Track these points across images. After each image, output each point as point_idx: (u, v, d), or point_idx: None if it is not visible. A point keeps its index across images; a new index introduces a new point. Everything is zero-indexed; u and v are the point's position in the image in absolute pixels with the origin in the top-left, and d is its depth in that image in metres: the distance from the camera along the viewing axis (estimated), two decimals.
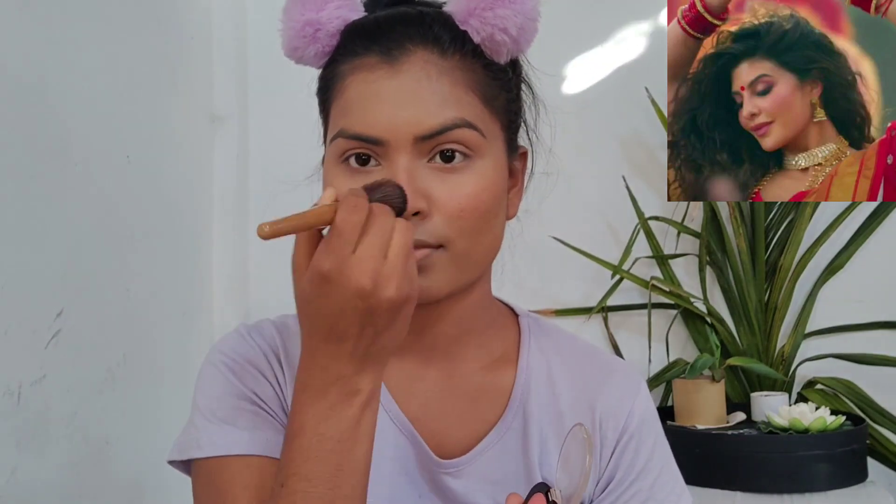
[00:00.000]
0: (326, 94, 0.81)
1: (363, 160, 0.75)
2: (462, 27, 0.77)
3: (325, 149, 0.82)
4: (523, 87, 0.84)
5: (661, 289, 1.85)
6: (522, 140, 0.85)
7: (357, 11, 0.80)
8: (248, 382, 0.80)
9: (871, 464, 1.64)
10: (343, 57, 0.78)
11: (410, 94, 0.74)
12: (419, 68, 0.75)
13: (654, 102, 1.87)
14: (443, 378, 0.84)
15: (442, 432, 0.83)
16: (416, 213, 0.73)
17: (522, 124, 0.84)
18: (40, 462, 1.24)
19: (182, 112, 1.78)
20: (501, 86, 0.80)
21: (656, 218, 1.90)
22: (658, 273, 1.91)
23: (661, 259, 1.90)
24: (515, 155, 0.83)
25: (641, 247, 1.89)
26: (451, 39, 0.76)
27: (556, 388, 0.85)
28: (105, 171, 1.45)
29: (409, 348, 0.82)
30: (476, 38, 0.77)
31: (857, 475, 1.55)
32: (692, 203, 1.84)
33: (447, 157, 0.75)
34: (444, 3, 0.80)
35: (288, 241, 0.73)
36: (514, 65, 0.82)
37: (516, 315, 0.89)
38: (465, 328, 0.83)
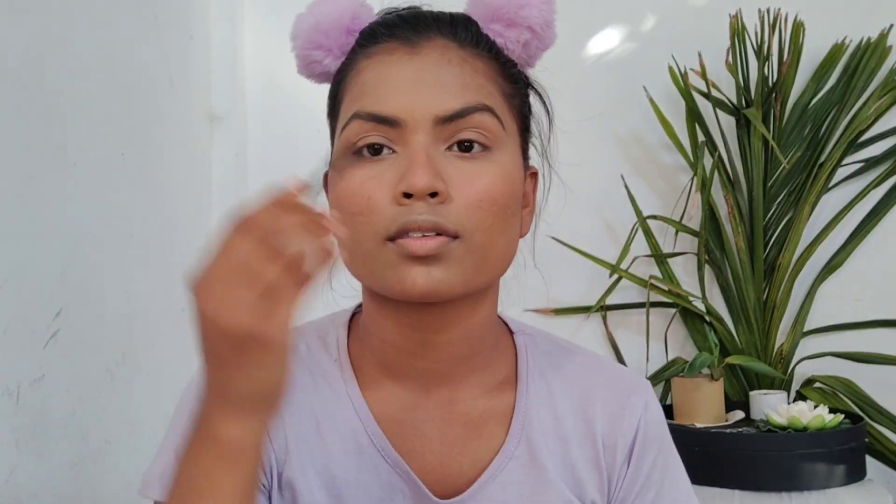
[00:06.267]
0: (338, 87, 0.77)
1: (376, 150, 0.71)
2: (484, 31, 0.76)
3: (332, 151, 0.78)
4: (537, 102, 0.83)
5: (659, 287, 1.85)
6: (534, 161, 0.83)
7: (367, 9, 0.79)
8: None
9: (870, 462, 1.64)
10: (361, 47, 0.76)
11: (431, 76, 0.72)
12: (439, 53, 0.73)
13: (652, 101, 1.87)
14: (443, 405, 0.79)
15: (443, 466, 0.78)
16: (434, 195, 0.69)
17: (533, 145, 0.82)
18: (39, 462, 1.24)
19: (181, 111, 1.78)
20: (518, 89, 0.78)
21: (655, 217, 1.91)
22: (657, 272, 1.91)
23: (660, 258, 1.91)
24: (528, 169, 0.80)
25: (640, 246, 1.90)
26: (468, 35, 0.76)
27: (558, 412, 0.81)
28: (103, 171, 1.45)
29: (407, 374, 0.78)
30: (499, 40, 0.76)
31: (855, 473, 1.55)
32: (690, 202, 1.84)
33: (465, 146, 0.72)
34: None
35: None
36: (524, 76, 0.81)
37: (511, 332, 0.85)
38: (472, 349, 0.78)
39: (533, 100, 0.83)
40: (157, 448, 0.84)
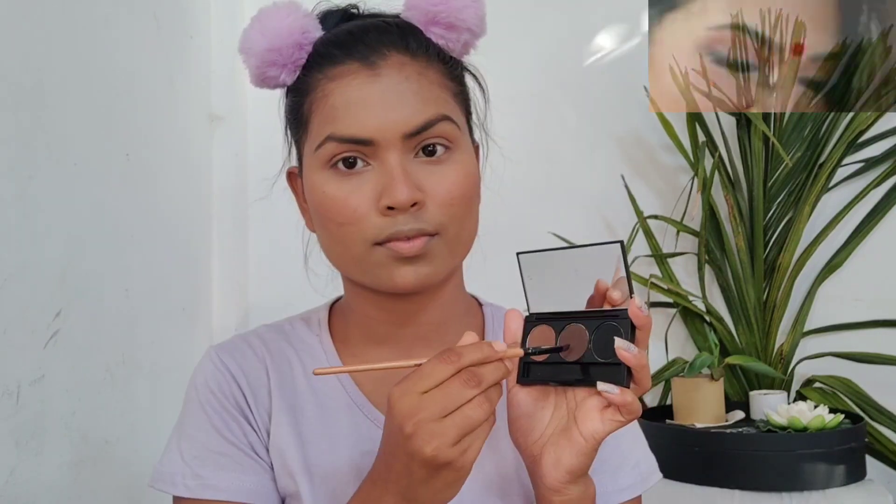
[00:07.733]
0: (302, 105, 0.85)
1: (350, 163, 0.80)
2: (426, 34, 0.83)
3: (299, 159, 0.87)
4: (471, 80, 0.89)
5: (660, 287, 1.85)
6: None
7: (313, 21, 0.85)
8: (228, 426, 0.84)
9: (870, 462, 1.64)
10: (318, 66, 0.83)
11: (395, 96, 0.79)
12: (397, 71, 0.80)
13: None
14: None
15: None
16: (413, 205, 0.78)
17: (475, 119, 0.89)
18: (39, 462, 1.24)
19: (181, 111, 1.78)
20: (459, 80, 0.85)
21: (655, 217, 1.90)
22: (657, 272, 1.91)
23: (660, 258, 1.91)
24: (474, 146, 0.88)
25: (640, 245, 1.90)
26: (418, 44, 0.82)
27: None
28: (104, 171, 1.45)
29: (393, 339, 0.87)
30: (441, 42, 0.83)
31: (855, 473, 1.55)
32: (691, 202, 1.84)
33: (429, 151, 0.80)
34: (398, 14, 0.85)
35: (286, 241, 0.73)
36: (461, 64, 0.87)
37: (480, 304, 0.95)
38: (446, 312, 0.87)
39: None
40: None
